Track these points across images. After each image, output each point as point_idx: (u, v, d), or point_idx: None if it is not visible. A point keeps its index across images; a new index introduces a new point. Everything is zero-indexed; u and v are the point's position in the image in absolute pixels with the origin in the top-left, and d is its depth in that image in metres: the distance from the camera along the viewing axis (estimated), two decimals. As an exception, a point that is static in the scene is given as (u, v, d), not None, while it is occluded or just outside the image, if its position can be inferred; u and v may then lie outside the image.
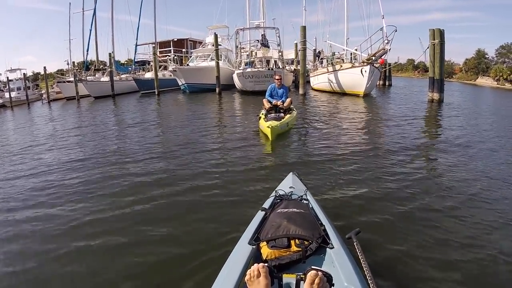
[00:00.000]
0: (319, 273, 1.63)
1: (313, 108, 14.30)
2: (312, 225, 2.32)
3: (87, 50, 31.91)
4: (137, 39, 33.75)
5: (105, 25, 33.49)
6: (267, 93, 9.33)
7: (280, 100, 8.96)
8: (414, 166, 5.64)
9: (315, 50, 28.93)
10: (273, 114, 8.44)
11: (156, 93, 23.66)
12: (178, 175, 5.32)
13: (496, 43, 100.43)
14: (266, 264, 1.77)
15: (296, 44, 25.15)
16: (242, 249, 2.17)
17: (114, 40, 32.26)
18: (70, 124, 12.95)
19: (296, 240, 2.21)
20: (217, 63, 21.06)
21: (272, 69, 20.32)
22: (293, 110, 9.37)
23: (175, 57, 31.82)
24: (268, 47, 25.42)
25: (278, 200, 2.82)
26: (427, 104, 15.48)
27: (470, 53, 48.84)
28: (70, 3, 37.22)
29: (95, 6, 31.55)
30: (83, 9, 35.31)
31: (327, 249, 2.14)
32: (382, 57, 16.43)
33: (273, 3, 58.10)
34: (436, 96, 16.15)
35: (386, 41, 15.33)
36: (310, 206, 2.72)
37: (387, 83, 29.38)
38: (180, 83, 24.49)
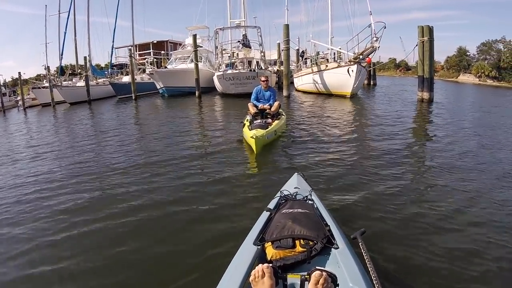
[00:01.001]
0: (324, 273, 1.64)
1: (299, 111, 13.07)
2: (317, 226, 2.30)
3: (62, 54, 29.98)
4: (113, 42, 31.88)
5: (83, 28, 31.40)
6: (252, 96, 8.12)
7: (267, 104, 7.78)
8: (418, 167, 5.54)
9: (298, 50, 27.62)
10: (259, 120, 7.30)
11: (133, 97, 21.96)
12: (152, 190, 4.71)
13: (476, 41, 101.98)
14: (270, 265, 1.78)
15: (279, 44, 23.85)
16: (247, 250, 2.16)
17: (93, 43, 30.50)
18: (39, 134, 11.58)
19: (301, 241, 2.17)
20: (196, 65, 19.54)
21: (254, 71, 18.90)
22: (282, 115, 8.16)
23: (154, 59, 30.10)
24: (250, 48, 23.86)
25: (283, 201, 2.78)
26: (417, 104, 14.83)
27: (451, 51, 48.68)
28: (46, 6, 34.93)
29: (69, 8, 29.58)
30: (59, 11, 33.12)
31: (332, 249, 2.12)
32: (370, 55, 15.30)
33: (254, 4, 56.49)
34: (426, 95, 15.41)
35: (374, 39, 14.10)
36: (315, 207, 2.68)
37: (371, 83, 28.32)
38: (158, 87, 22.89)
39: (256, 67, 20.58)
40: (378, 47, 14.15)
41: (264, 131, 6.50)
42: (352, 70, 15.54)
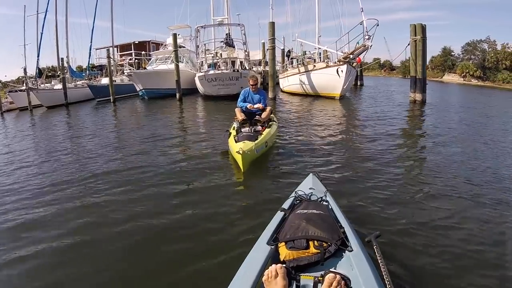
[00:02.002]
0: (337, 276, 1.64)
1: (288, 115, 11.69)
2: (332, 227, 2.24)
3: (38, 56, 28.03)
4: (91, 42, 29.85)
5: (62, 29, 29.22)
6: (239, 99, 6.77)
7: (259, 104, 6.60)
8: (430, 172, 5.11)
9: (283, 50, 26.16)
10: (247, 129, 6.14)
11: (112, 100, 20.27)
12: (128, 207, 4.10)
13: (459, 41, 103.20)
14: (284, 265, 1.79)
15: (264, 43, 22.46)
16: (260, 249, 2.13)
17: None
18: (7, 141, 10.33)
19: (315, 242, 2.13)
20: (177, 66, 18.01)
21: (237, 71, 17.43)
22: (274, 121, 6.88)
23: (135, 60, 28.38)
24: (233, 47, 22.19)
25: (298, 201, 2.73)
26: (410, 105, 13.97)
27: (435, 51, 48.12)
28: (25, 6, 32.72)
29: (46, 8, 27.52)
30: (37, 11, 31.08)
31: (346, 251, 2.07)
32: (361, 55, 14.09)
33: (238, 4, 54.73)
34: (418, 96, 14.50)
35: (366, 37, 12.82)
36: (330, 208, 2.61)
37: (358, 83, 27.20)
38: (137, 89, 21.29)
39: (240, 67, 19.12)
40: (371, 46, 12.89)
41: (252, 144, 5.22)
42: (342, 71, 14.32)
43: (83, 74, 28.83)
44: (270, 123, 6.61)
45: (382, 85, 29.83)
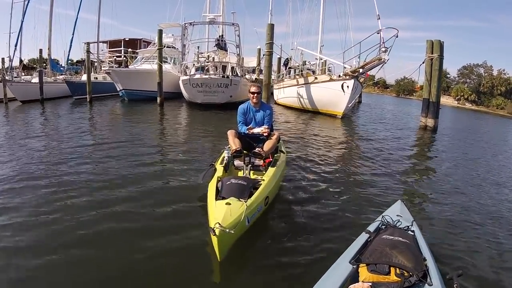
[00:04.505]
0: None
1: (287, 136, 8.76)
2: (416, 258, 2.11)
3: (16, 45, 24.94)
4: (73, 35, 26.77)
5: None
6: (239, 121, 4.57)
7: (263, 127, 4.37)
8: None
9: (279, 58, 23.57)
10: (241, 163, 3.92)
11: (88, 100, 17.47)
12: None
13: (451, 64, 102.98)
14: (370, 283, 1.80)
15: (260, 49, 19.90)
16: (342, 267, 2.09)
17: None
18: None
19: (397, 270, 2.00)
20: (160, 66, 15.37)
21: (227, 77, 14.87)
22: (282, 151, 4.61)
23: (124, 57, 25.70)
24: (226, 51, 19.34)
25: (383, 226, 2.58)
26: (420, 131, 12.09)
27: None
28: (13, -9, 29.79)
29: (29, -5, 24.81)
30: (24, -3, 28.36)
31: (426, 285, 1.95)
32: (372, 70, 11.71)
33: (236, 8, 52.06)
34: (430, 122, 12.45)
35: (383, 49, 10.41)
36: (415, 238, 2.44)
37: (357, 100, 24.97)
38: (117, 89, 18.59)
39: (231, 73, 16.51)
40: (387, 60, 10.45)
41: (242, 210, 2.73)
42: (348, 86, 11.92)
43: (62, 68, 25.92)
44: (277, 155, 4.30)
45: (379, 103, 28.43)
